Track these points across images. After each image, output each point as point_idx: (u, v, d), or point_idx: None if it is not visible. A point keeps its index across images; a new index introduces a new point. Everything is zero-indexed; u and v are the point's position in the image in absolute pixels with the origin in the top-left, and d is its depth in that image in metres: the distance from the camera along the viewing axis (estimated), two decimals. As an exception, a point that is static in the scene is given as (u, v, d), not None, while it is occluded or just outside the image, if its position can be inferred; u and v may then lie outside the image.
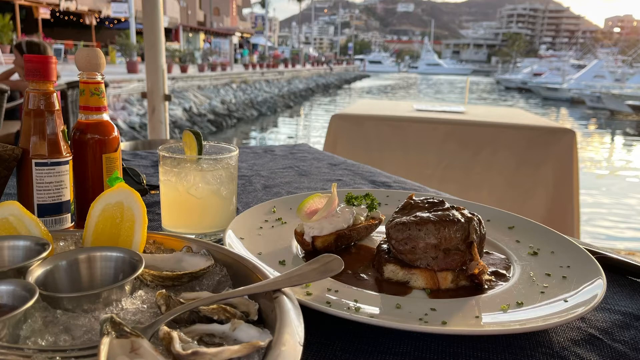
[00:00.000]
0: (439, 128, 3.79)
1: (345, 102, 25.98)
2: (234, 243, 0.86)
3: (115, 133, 0.93)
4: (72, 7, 26.85)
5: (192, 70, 19.49)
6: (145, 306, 0.55)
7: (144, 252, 0.68)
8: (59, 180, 0.85)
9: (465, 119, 3.91)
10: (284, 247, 0.90)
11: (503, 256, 0.91)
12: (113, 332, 0.45)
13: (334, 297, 0.70)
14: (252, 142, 14.25)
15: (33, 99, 0.84)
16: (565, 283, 0.78)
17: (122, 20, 31.91)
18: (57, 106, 0.87)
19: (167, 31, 33.04)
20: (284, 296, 0.55)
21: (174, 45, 27.62)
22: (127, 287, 0.56)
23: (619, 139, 17.42)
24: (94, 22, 30.35)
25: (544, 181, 3.53)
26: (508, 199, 3.64)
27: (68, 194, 0.87)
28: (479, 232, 0.81)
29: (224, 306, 0.53)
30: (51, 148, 0.85)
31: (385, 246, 0.86)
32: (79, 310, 0.52)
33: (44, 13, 25.83)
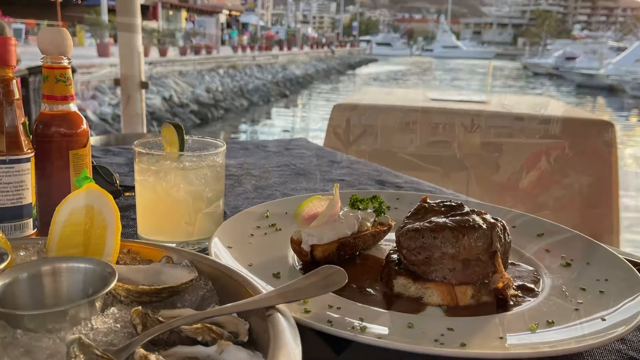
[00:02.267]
0: (457, 120, 3.79)
1: (349, 91, 25.99)
2: (220, 253, 0.86)
3: (84, 126, 0.93)
4: (35, -20, 26.86)
5: (172, 53, 19.49)
6: (118, 325, 0.55)
7: (117, 263, 0.68)
8: (19, 181, 0.85)
9: (488, 110, 3.92)
10: (278, 257, 0.90)
11: (531, 268, 0.91)
12: (81, 356, 0.45)
13: (336, 315, 0.71)
14: (242, 137, 14.26)
15: (-11, 87, 0.84)
16: (602, 299, 0.78)
17: (92, -5, 31.90)
18: (17, 95, 0.87)
19: (144, 8, 33.03)
20: (279, 314, 0.55)
21: (152, 24, 27.63)
22: (98, 304, 0.56)
23: (666, 133, 17.42)
24: (60, -2, 30.35)
25: (577, 181, 3.53)
26: (536, 202, 3.64)
27: (30, 196, 0.87)
28: (503, 240, 0.81)
29: (209, 325, 0.53)
30: (10, 143, 0.85)
31: (395, 256, 0.86)
32: (42, 330, 0.52)
33: (1, -13, 25.82)
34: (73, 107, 0.92)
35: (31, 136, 0.89)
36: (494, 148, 3.72)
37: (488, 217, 0.82)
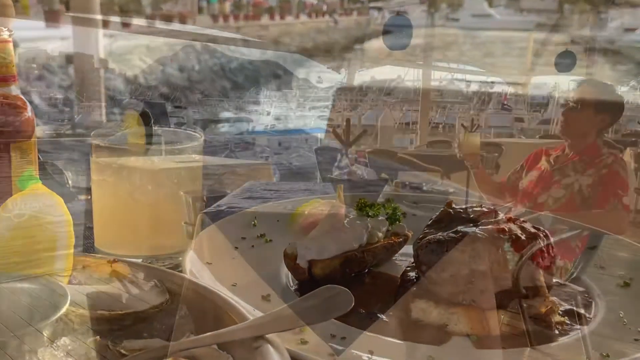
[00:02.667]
0: (485, 106, 3.79)
1: (355, 70, 25.99)
2: (198, 270, 0.86)
3: (29, 114, 0.92)
4: None
5: (137, 23, 19.51)
6: (71, 359, 0.55)
7: (70, 282, 0.68)
8: (-51, 181, 0.85)
9: (525, 93, 3.92)
10: (268, 275, 0.90)
11: (581, 288, 0.90)
12: (26, 397, 0.45)
13: (340, 347, 0.71)
14: (224, 127, 14.25)
15: None
16: (668, 327, 0.78)
17: (39, -48, 31.94)
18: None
19: (103, -32, 33.01)
20: (269, 346, 0.55)
21: (113, -12, 27.64)
22: (46, 333, 0.56)
23: None
24: (-1, -44, 30.37)
25: (636, 182, 3.53)
26: (585, 208, 3.63)
27: (-38, 200, 0.87)
28: (546, 255, 0.80)
29: (183, 360, 0.53)
30: (-63, 135, 0.85)
31: (413, 274, 0.86)
32: (-23, 365, 0.52)
33: None
34: (15, 90, 0.92)
35: (-37, 126, 0.89)
36: (532, 140, 3.72)
37: (527, 225, 0.82)
